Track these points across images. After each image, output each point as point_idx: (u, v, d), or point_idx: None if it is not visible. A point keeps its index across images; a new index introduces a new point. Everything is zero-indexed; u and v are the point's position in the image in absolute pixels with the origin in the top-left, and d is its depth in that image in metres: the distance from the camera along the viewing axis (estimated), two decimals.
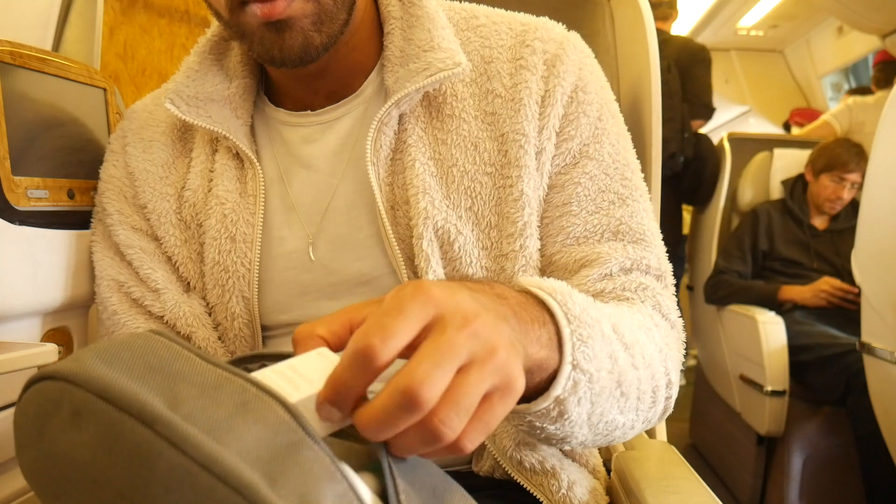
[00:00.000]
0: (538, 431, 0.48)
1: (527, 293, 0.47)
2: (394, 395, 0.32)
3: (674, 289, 0.64)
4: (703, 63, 2.69)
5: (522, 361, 0.39)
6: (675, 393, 0.59)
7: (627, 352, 0.51)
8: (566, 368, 0.44)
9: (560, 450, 0.65)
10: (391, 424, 0.33)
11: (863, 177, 2.15)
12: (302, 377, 0.36)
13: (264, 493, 0.30)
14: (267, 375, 0.36)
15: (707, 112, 2.71)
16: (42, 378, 0.33)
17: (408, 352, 0.34)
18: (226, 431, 0.32)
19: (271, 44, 0.56)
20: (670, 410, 0.60)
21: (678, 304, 0.65)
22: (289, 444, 0.33)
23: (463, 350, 0.33)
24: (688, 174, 2.55)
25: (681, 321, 0.63)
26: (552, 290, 0.47)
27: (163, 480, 0.30)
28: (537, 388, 0.45)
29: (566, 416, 0.46)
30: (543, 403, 0.45)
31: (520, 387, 0.36)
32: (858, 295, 1.48)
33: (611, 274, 0.60)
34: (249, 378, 0.35)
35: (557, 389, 0.44)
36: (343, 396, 0.34)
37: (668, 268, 0.64)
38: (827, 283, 2.07)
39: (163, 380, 0.34)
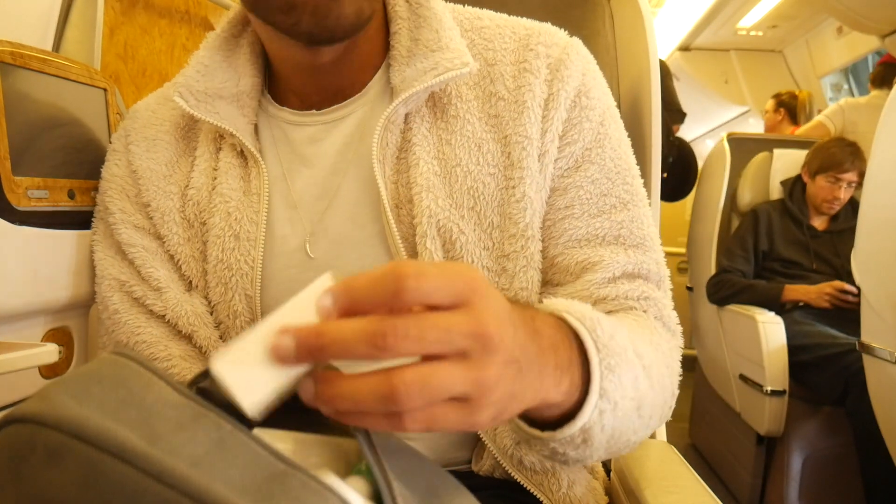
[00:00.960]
0: (559, 457, 0.48)
1: (556, 318, 0.47)
2: (369, 330, 0.32)
3: (671, 293, 0.65)
4: (666, 74, 2.82)
5: (519, 406, 0.39)
6: (674, 403, 0.60)
7: (646, 373, 0.52)
8: (593, 398, 0.45)
9: None
10: (340, 346, 0.32)
11: (859, 176, 2.15)
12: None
13: None
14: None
15: (681, 116, 2.82)
16: (10, 421, 0.33)
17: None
18: (208, 466, 0.32)
19: (326, 11, 0.54)
20: (669, 417, 0.61)
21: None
22: (272, 475, 0.33)
23: (461, 342, 0.33)
24: (673, 173, 2.62)
25: (679, 328, 0.64)
26: (581, 315, 0.47)
27: None
28: (563, 415, 0.46)
29: (589, 443, 0.47)
30: (569, 431, 0.45)
31: (480, 425, 0.35)
32: (858, 295, 1.48)
33: (613, 278, 0.60)
34: (222, 414, 0.35)
35: (584, 417, 0.45)
36: (351, 300, 0.34)
37: (665, 273, 0.65)
38: (829, 286, 2.07)
39: (137, 414, 0.33)
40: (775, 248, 2.25)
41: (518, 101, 0.62)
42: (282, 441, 0.41)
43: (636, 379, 0.49)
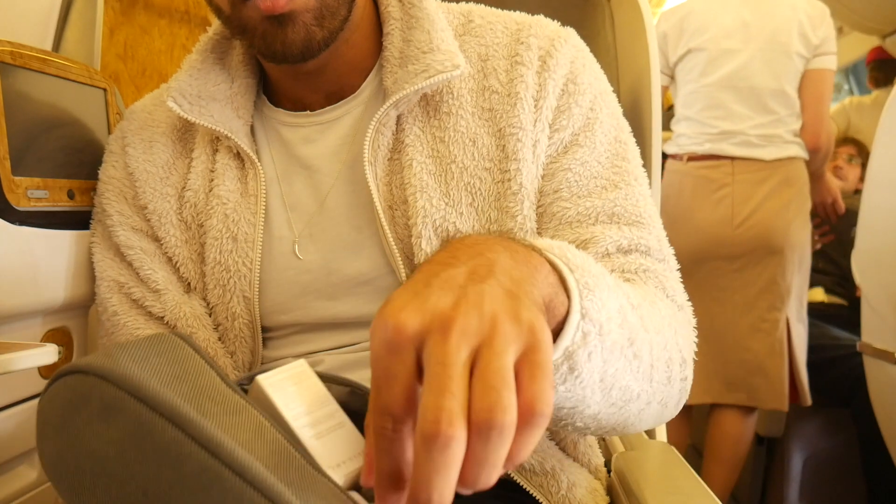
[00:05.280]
0: None
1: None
2: (424, 446, 0.30)
3: (678, 274, 0.62)
4: None
5: (536, 298, 0.37)
6: (690, 374, 0.57)
7: (636, 312, 0.49)
8: (574, 317, 0.41)
9: (562, 449, 0.65)
10: (441, 472, 0.30)
11: (857, 150, 2.18)
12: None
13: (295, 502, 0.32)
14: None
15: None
16: (72, 371, 0.34)
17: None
18: (249, 450, 0.33)
19: (273, 38, 0.56)
20: (686, 396, 0.57)
21: None
22: (303, 475, 0.34)
23: (460, 353, 0.31)
24: None
25: (689, 305, 0.61)
26: (548, 245, 0.45)
27: (190, 481, 0.31)
28: None
29: (576, 374, 0.43)
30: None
31: (542, 327, 0.33)
32: (858, 296, 1.49)
33: (608, 253, 0.58)
34: (262, 412, 0.37)
35: (566, 340, 0.41)
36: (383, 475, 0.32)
37: (669, 251, 0.63)
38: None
39: (190, 391, 0.35)
40: None
41: (511, 94, 0.62)
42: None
43: (622, 307, 0.46)
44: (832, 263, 2.19)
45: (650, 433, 0.85)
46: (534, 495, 0.62)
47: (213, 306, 0.65)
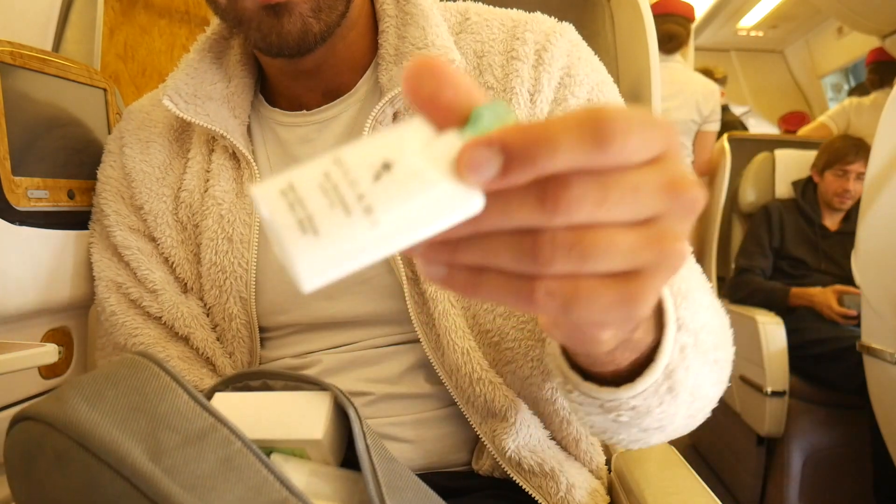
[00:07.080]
0: (639, 420, 0.40)
1: None
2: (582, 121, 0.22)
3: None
4: None
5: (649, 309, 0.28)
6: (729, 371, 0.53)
7: (710, 311, 0.46)
8: (671, 330, 0.37)
9: (563, 448, 0.65)
10: (549, 147, 0.22)
11: (866, 167, 2.18)
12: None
13: None
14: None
15: None
16: (25, 417, 0.33)
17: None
18: (208, 489, 0.31)
19: (269, 29, 0.56)
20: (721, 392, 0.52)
21: None
22: (272, 502, 0.32)
23: (652, 203, 0.24)
24: None
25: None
26: None
27: None
28: (631, 370, 0.38)
29: (675, 393, 0.39)
30: (652, 377, 0.37)
31: (635, 317, 0.27)
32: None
33: None
34: (235, 429, 0.34)
35: (665, 357, 0.37)
36: (533, 149, 0.22)
37: None
38: (834, 295, 2.03)
39: (147, 424, 0.33)
40: (785, 246, 2.24)
41: (507, 89, 0.62)
42: (296, 471, 0.40)
43: (707, 310, 0.43)
44: (833, 263, 2.19)
45: None
46: (533, 496, 0.62)
47: (210, 307, 0.65)
